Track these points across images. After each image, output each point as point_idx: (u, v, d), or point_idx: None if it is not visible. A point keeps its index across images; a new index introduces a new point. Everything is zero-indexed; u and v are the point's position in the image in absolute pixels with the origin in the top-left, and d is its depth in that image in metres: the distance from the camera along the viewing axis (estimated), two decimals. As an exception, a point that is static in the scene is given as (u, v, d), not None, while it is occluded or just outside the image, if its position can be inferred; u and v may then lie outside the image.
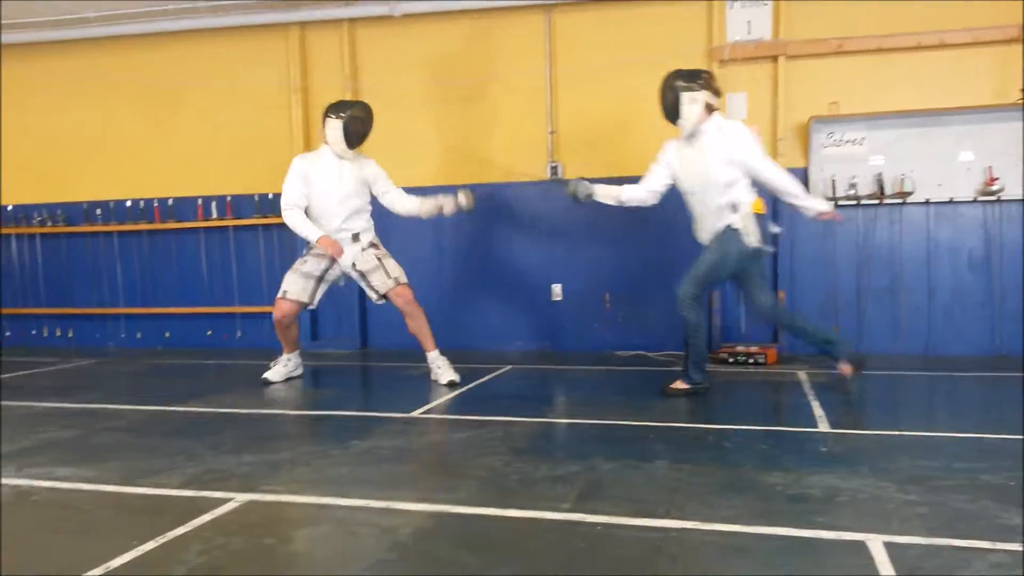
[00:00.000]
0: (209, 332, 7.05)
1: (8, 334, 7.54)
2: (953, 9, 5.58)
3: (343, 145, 4.84)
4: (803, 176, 5.85)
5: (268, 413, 4.18)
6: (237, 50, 6.87)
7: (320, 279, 4.97)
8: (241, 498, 2.66)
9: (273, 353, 5.30)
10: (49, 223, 7.30)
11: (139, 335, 7.21)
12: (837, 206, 5.76)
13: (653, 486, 2.72)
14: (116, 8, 6.61)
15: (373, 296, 4.99)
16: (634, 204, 4.60)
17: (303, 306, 4.96)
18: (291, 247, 6.76)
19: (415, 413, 4.05)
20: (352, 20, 6.61)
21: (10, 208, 7.43)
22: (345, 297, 6.74)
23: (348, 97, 6.60)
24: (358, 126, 4.86)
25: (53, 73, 7.25)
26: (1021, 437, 3.30)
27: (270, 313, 5.03)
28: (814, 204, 4.30)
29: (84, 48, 7.12)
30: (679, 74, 4.29)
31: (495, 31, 6.41)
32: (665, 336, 6.15)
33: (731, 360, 5.42)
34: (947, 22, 5.57)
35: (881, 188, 5.66)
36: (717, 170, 4.17)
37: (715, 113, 4.25)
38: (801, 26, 5.83)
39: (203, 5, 6.53)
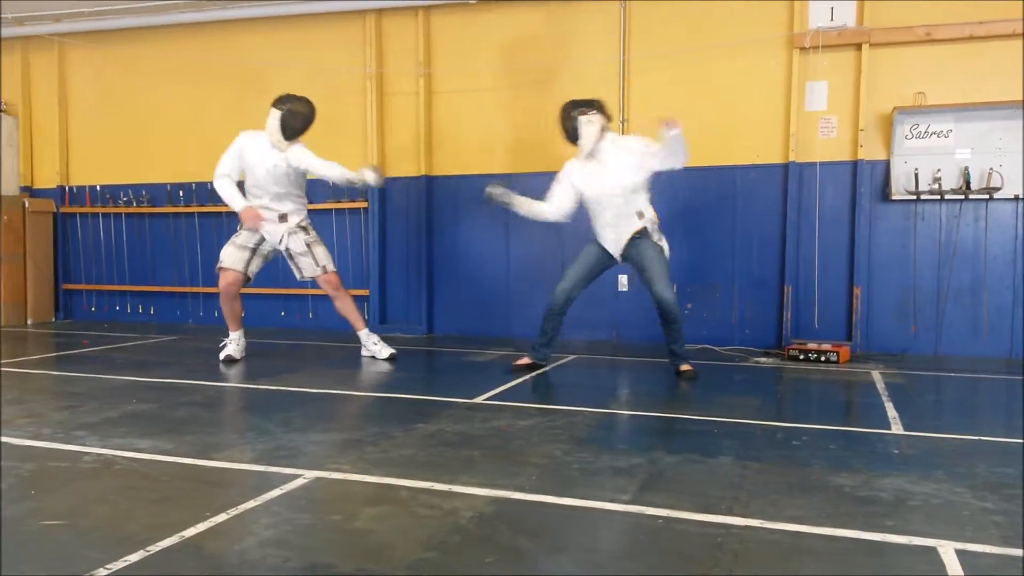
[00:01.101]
0: (283, 313, 7.26)
1: (93, 309, 7.92)
2: (1053, -6, 5.28)
3: (278, 136, 5.07)
4: (884, 169, 5.66)
5: (336, 393, 4.28)
6: (317, 36, 7.00)
7: (253, 251, 5.27)
8: (309, 475, 2.74)
9: (343, 335, 5.43)
10: (134, 203, 7.62)
11: (216, 314, 7.46)
12: (919, 200, 5.57)
13: (717, 482, 2.69)
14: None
15: (297, 275, 5.34)
16: (541, 220, 4.97)
17: (241, 276, 5.24)
18: (363, 228, 6.91)
19: (479, 399, 4.09)
20: (427, 7, 6.67)
21: (99, 188, 7.78)
22: (413, 282, 6.84)
23: (421, 84, 6.67)
24: (296, 121, 5.07)
25: (142, 58, 7.54)
26: (1112, 448, 3.14)
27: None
28: (676, 145, 4.42)
29: (172, 33, 7.37)
30: (574, 103, 4.72)
31: (570, 18, 6.36)
32: (732, 330, 6.05)
33: (802, 357, 5.29)
34: (1046, 8, 5.28)
35: (967, 182, 5.43)
36: (619, 178, 4.59)
37: (607, 132, 4.70)
38: (887, 13, 5.61)
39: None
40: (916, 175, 5.54)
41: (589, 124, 4.63)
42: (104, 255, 7.83)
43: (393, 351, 5.34)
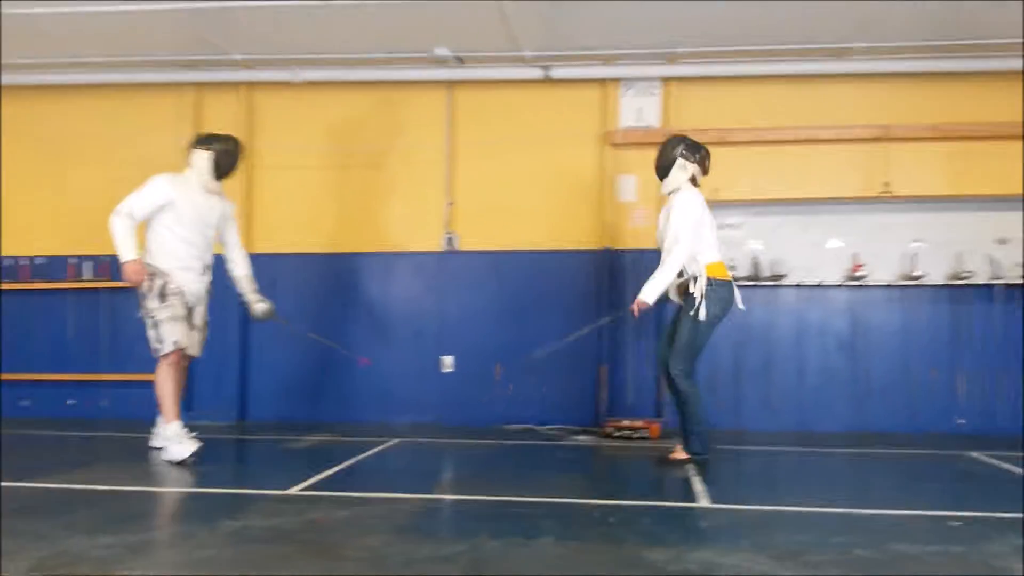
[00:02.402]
0: (70, 401, 6.56)
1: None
2: (826, 108, 6.06)
3: (209, 177, 4.72)
4: (687, 257, 6.10)
5: (129, 491, 3.88)
6: (133, 107, 6.67)
7: (190, 315, 4.73)
8: (93, 584, 2.43)
9: (141, 425, 4.97)
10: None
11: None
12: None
13: (538, 564, 2.67)
14: (16, 56, 6.26)
15: (183, 345, 4.65)
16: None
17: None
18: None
19: (293, 490, 3.85)
20: (251, 84, 6.54)
21: None
22: (224, 365, 6.45)
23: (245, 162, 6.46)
24: (227, 159, 4.76)
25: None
26: (888, 511, 3.46)
27: (137, 381, 4.74)
28: (644, 293, 4.42)
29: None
30: (685, 140, 4.54)
31: (397, 103, 6.49)
32: (555, 409, 6.18)
33: (617, 434, 5.48)
34: (820, 119, 6.03)
35: (757, 270, 5.97)
36: (666, 233, 4.43)
37: (691, 188, 4.49)
38: (687, 116, 6.18)
39: (100, 60, 6.29)
40: (714, 263, 6.02)
41: (682, 170, 4.48)
42: None
43: (199, 445, 4.62)
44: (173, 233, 4.62)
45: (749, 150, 6.14)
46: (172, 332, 4.55)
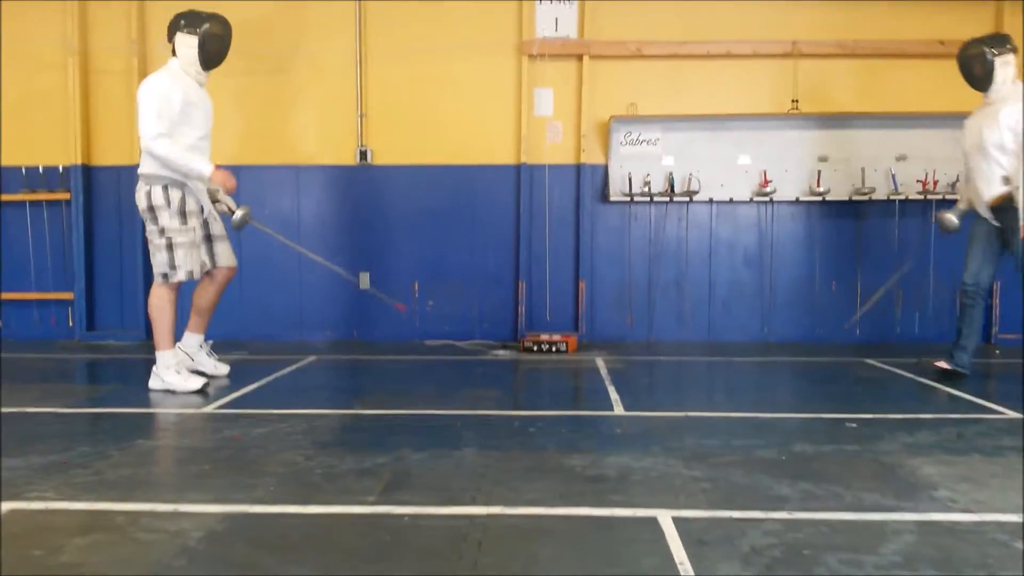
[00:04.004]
0: (-38, 321, 6.20)
1: None
2: (739, 23, 6.07)
3: (198, 66, 4.14)
4: (603, 172, 6.14)
5: (38, 412, 3.73)
6: (11, 18, 6.06)
7: (207, 236, 4.27)
8: (4, 507, 2.35)
9: (44, 345, 4.74)
10: None
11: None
12: (633, 202, 6.12)
13: (461, 474, 2.73)
14: None
15: (207, 264, 4.29)
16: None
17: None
18: (64, 223, 6.12)
19: (209, 408, 3.79)
20: (140, -20, 6.06)
21: None
22: (128, 281, 6.19)
23: (135, 62, 6.05)
24: (216, 44, 4.16)
25: None
26: (789, 415, 3.68)
27: (37, 300, 4.45)
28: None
29: None
30: (982, 41, 4.32)
31: (302, 6, 6.14)
32: (474, 324, 6.23)
33: (536, 348, 5.58)
34: (734, 34, 6.05)
35: (672, 186, 6.06)
36: (990, 132, 4.25)
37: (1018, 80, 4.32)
38: (604, 27, 6.10)
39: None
40: (630, 179, 6.09)
41: (1005, 66, 4.25)
42: None
43: (228, 367, 4.54)
44: (188, 140, 4.08)
45: (665, 64, 6.13)
46: (189, 260, 4.12)
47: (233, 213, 4.32)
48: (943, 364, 4.58)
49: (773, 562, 2.00)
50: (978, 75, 4.34)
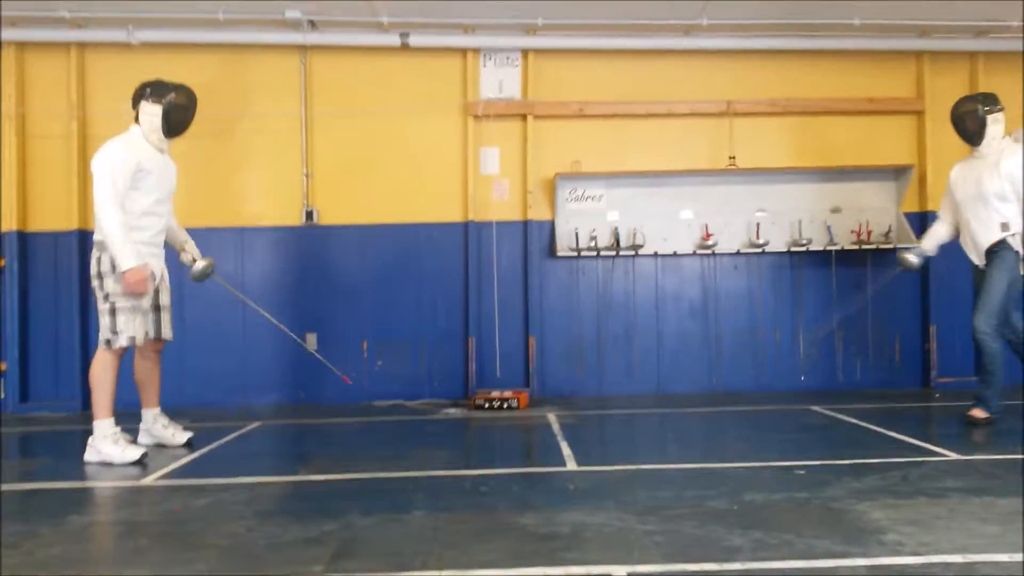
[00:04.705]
0: None
1: None
2: (676, 84, 6.29)
3: (160, 134, 4.19)
4: (550, 228, 6.21)
5: (-40, 489, 3.53)
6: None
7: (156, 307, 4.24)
8: (-85, 596, 2.20)
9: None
10: None
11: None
12: (580, 256, 6.19)
13: (411, 538, 2.66)
14: None
15: (151, 333, 4.21)
16: (945, 241, 4.91)
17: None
18: (0, 294, 5.92)
19: (147, 481, 3.64)
20: (81, 44, 6.02)
21: None
22: (63, 350, 5.98)
23: (74, 126, 5.97)
24: (180, 114, 4.23)
25: None
26: (739, 464, 3.69)
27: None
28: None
29: None
30: (975, 98, 4.62)
31: (247, 68, 6.16)
32: (424, 383, 6.16)
33: (487, 405, 5.54)
34: (672, 94, 6.26)
35: (617, 241, 6.16)
36: (991, 182, 4.48)
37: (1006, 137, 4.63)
38: (547, 88, 6.25)
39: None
40: (576, 234, 6.17)
41: (996, 123, 4.51)
42: None
43: (190, 434, 4.43)
44: (140, 206, 4.07)
45: (607, 123, 6.29)
46: (131, 325, 4.04)
47: (195, 263, 4.38)
48: (977, 413, 4.61)
49: (728, 616, 1.98)
50: (971, 130, 4.61)
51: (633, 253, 6.18)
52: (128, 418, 4.46)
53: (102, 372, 4.05)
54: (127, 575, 2.34)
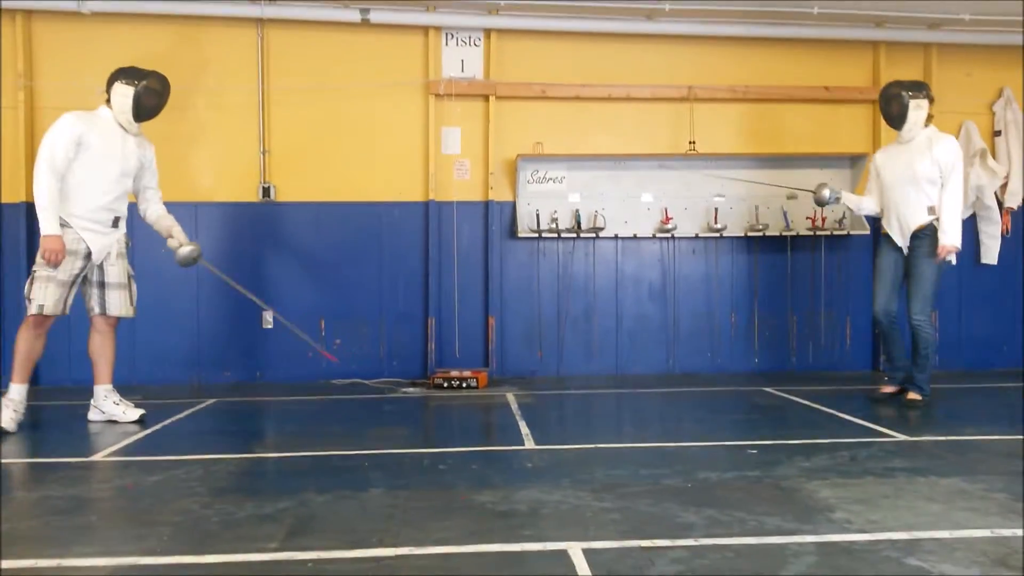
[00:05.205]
0: None
1: None
2: (638, 68, 6.30)
3: (130, 116, 4.30)
4: (511, 209, 6.21)
5: (-101, 467, 3.43)
6: None
7: (73, 283, 4.21)
8: None
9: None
10: None
11: None
12: (541, 238, 6.20)
13: (368, 515, 2.65)
14: None
15: (95, 309, 4.32)
16: (864, 214, 5.19)
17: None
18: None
19: (97, 456, 3.57)
20: (28, 12, 5.80)
21: None
22: (8, 323, 5.81)
23: (22, 97, 5.78)
24: (152, 99, 4.37)
25: None
26: (694, 444, 3.76)
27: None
28: (947, 238, 4.62)
29: None
30: (901, 84, 4.77)
31: (201, 41, 6.00)
32: (383, 362, 6.12)
33: (446, 385, 5.53)
34: (633, 79, 6.27)
35: (578, 223, 6.18)
36: (923, 166, 4.62)
37: (931, 124, 4.77)
38: (510, 69, 6.21)
39: None
40: (537, 215, 6.17)
41: (918, 109, 4.64)
42: None
43: (142, 412, 4.40)
44: (77, 179, 4.14)
45: (569, 105, 6.27)
46: (42, 294, 4.11)
47: (180, 247, 4.50)
48: (888, 389, 4.95)
49: (681, 589, 2.02)
50: (894, 113, 4.77)
51: (594, 235, 6.21)
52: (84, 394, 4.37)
53: (18, 337, 4.20)
54: (77, 551, 2.30)
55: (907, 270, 4.79)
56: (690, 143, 6.23)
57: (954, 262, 4.78)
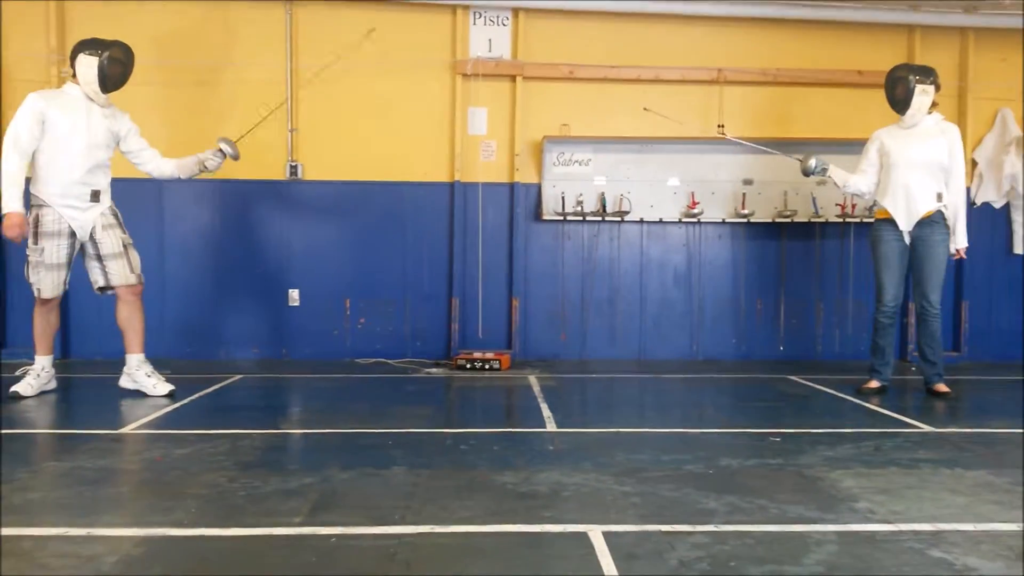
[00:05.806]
0: None
1: None
2: (667, 49, 6.22)
3: (96, 87, 4.30)
4: (537, 191, 6.19)
5: (-64, 434, 3.52)
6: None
7: (69, 263, 4.33)
8: None
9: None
10: None
11: None
12: (566, 221, 6.18)
13: (390, 493, 2.68)
14: None
15: (99, 282, 4.40)
16: (854, 192, 5.02)
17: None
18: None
19: (127, 429, 3.64)
20: (61, -10, 5.87)
21: None
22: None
23: (54, 72, 5.84)
24: (116, 68, 4.36)
25: None
26: (716, 430, 3.75)
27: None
28: (961, 241, 4.69)
29: None
30: (911, 68, 4.74)
31: (231, 19, 6.02)
32: (407, 342, 6.16)
33: (469, 366, 5.56)
34: (663, 60, 6.20)
35: (604, 206, 6.15)
36: (937, 153, 4.59)
37: (936, 111, 4.72)
38: (537, 49, 6.17)
39: None
40: (563, 198, 6.15)
41: (923, 95, 4.59)
42: None
43: (172, 387, 4.48)
44: (47, 157, 4.22)
45: (596, 86, 6.22)
46: (37, 278, 4.28)
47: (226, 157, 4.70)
48: (875, 384, 4.82)
49: (700, 575, 2.02)
50: (899, 97, 4.69)
51: (619, 219, 6.17)
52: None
53: (34, 321, 4.40)
54: (107, 521, 2.35)
55: (913, 258, 4.71)
56: (719, 127, 6.14)
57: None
